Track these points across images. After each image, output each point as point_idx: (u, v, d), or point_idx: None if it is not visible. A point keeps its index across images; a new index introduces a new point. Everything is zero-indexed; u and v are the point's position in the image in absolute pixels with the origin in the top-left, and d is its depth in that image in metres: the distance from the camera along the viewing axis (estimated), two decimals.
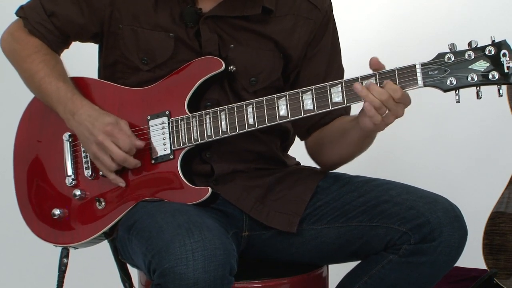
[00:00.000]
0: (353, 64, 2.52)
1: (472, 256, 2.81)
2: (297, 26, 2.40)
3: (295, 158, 2.57)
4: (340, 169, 2.48)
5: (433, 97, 2.16)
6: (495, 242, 3.15)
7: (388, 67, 2.19)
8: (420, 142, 3.86)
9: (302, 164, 2.55)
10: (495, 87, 2.09)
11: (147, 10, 2.36)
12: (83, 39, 2.49)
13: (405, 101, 2.15)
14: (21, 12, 2.47)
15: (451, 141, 3.84)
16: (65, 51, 2.54)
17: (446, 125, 3.83)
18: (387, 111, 2.14)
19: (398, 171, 3.68)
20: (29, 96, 2.51)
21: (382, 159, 3.79)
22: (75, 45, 2.53)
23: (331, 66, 2.46)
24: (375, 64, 2.17)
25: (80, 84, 2.43)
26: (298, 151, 2.56)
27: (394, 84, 2.13)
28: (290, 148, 2.57)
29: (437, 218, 2.21)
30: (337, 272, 2.49)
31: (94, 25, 2.41)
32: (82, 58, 2.69)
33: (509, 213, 3.14)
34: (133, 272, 2.48)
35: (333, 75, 2.43)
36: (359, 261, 2.38)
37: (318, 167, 2.49)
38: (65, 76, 2.43)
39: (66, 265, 2.47)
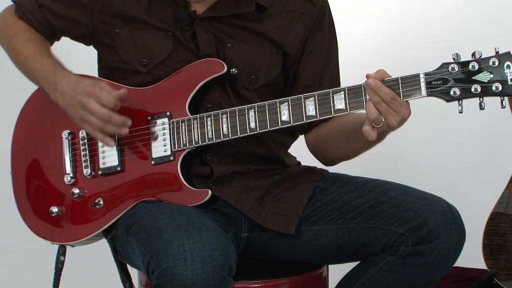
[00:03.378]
0: (354, 63, 2.52)
1: (472, 256, 2.82)
2: (292, 23, 2.39)
3: (295, 158, 2.56)
4: (340, 169, 2.47)
5: (433, 98, 2.15)
6: (495, 242, 3.15)
7: (389, 67, 2.18)
8: (420, 142, 3.86)
9: (302, 163, 2.55)
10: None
11: (141, 14, 2.36)
12: (69, 37, 2.49)
13: (401, 112, 2.13)
14: None
15: (451, 141, 3.84)
16: (66, 52, 2.54)
17: (446, 125, 3.83)
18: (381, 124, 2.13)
19: (398, 171, 3.67)
20: (27, 94, 2.51)
21: (382, 159, 3.79)
22: (75, 46, 2.53)
23: (329, 60, 2.46)
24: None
25: None
26: (298, 150, 2.56)
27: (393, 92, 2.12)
28: (291, 147, 2.56)
29: (434, 220, 2.20)
30: (337, 272, 2.49)
31: (83, 28, 2.42)
32: (82, 58, 2.69)
33: (509, 213, 3.14)
34: (133, 273, 2.48)
35: (330, 68, 2.44)
36: (358, 261, 2.38)
37: (320, 162, 2.49)
38: (49, 52, 2.44)
39: (62, 263, 2.48)
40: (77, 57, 2.72)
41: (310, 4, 2.42)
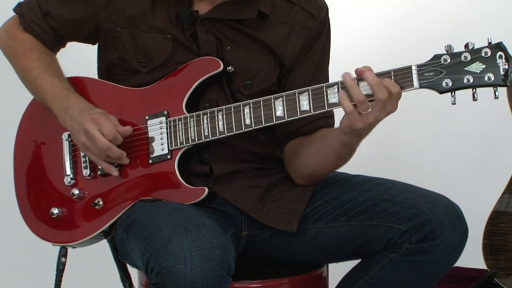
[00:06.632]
0: (352, 63, 2.51)
1: (472, 256, 2.81)
2: (291, 35, 2.39)
3: None
4: (340, 169, 2.46)
5: (433, 96, 2.16)
6: (495, 242, 3.15)
7: (385, 66, 2.18)
8: (420, 142, 3.86)
9: None
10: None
11: (143, 13, 2.36)
12: (77, 40, 2.50)
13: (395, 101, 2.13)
14: (18, 9, 2.49)
15: (451, 140, 3.85)
16: (66, 52, 2.54)
17: (446, 124, 3.83)
18: (369, 110, 2.12)
19: (398, 170, 3.67)
20: (29, 96, 2.52)
21: (383, 159, 3.79)
22: (76, 45, 2.54)
23: (317, 75, 2.44)
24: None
25: (80, 83, 2.44)
26: None
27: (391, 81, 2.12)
28: None
29: (438, 217, 2.20)
30: (337, 272, 2.49)
31: (89, 27, 2.42)
32: (82, 58, 2.70)
33: (509, 213, 3.13)
34: (133, 272, 2.48)
35: (320, 77, 2.42)
36: (359, 260, 2.38)
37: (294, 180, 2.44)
38: (60, 73, 2.45)
39: (64, 264, 2.48)
40: (77, 57, 2.73)
41: (311, 18, 2.41)
